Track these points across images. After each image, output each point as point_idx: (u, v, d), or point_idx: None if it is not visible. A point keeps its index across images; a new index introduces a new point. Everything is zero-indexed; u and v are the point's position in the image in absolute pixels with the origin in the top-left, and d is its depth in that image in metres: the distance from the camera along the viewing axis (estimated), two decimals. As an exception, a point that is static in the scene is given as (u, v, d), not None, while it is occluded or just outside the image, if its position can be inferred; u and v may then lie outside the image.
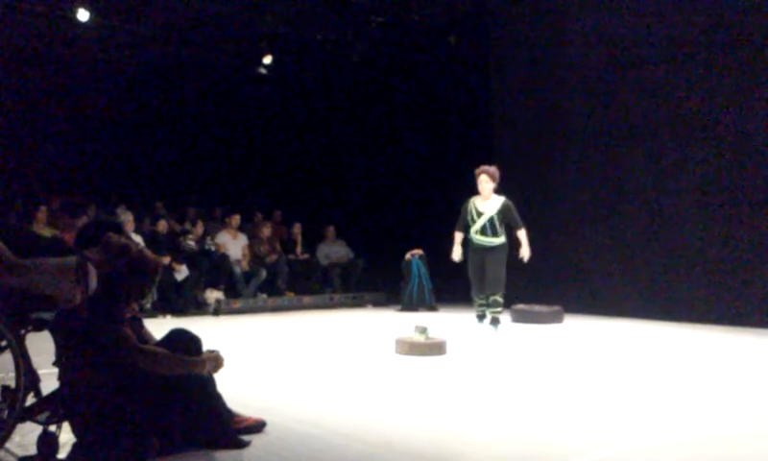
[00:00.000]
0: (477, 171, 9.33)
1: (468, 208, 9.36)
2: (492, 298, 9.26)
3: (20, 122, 15.67)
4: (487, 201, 9.30)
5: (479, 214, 9.25)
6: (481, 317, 9.57)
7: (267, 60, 15.17)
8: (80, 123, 16.50)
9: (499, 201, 9.30)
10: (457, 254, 9.42)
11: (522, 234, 9.29)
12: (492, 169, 9.34)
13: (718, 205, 10.29)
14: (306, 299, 13.24)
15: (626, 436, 4.31)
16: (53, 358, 3.91)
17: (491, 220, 9.20)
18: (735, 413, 4.95)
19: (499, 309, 9.30)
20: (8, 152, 14.95)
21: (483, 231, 9.23)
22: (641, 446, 4.09)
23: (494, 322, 9.32)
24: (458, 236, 9.46)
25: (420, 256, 12.93)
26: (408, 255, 12.94)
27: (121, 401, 3.71)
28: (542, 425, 4.55)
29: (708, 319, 10.07)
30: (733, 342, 8.49)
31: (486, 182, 9.23)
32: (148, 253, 4.06)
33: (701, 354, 7.66)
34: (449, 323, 10.21)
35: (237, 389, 4.84)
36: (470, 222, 9.30)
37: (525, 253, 9.27)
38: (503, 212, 9.24)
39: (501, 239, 9.25)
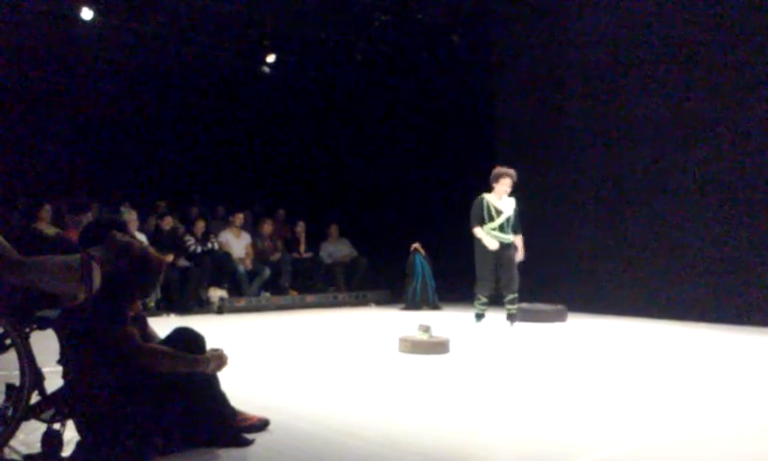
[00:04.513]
0: (502, 172, 9.30)
1: (484, 205, 9.27)
2: (510, 296, 9.33)
3: (22, 121, 15.69)
4: (501, 200, 9.32)
5: (498, 212, 9.23)
6: (480, 316, 9.52)
7: (270, 58, 15.19)
8: (82, 122, 16.51)
9: (512, 201, 9.39)
10: (493, 243, 9.14)
11: (520, 239, 9.41)
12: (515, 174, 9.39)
13: (718, 205, 10.32)
14: (310, 297, 13.26)
15: (628, 435, 4.33)
16: (57, 356, 3.93)
17: (508, 219, 9.27)
18: (736, 412, 4.98)
19: (516, 306, 9.48)
20: (10, 151, 14.97)
21: (501, 229, 9.23)
22: (643, 445, 4.12)
23: (512, 318, 9.44)
24: (481, 230, 9.22)
25: (423, 256, 12.92)
26: (411, 254, 12.94)
27: (123, 401, 3.73)
28: (545, 425, 4.58)
29: (708, 318, 10.10)
30: (734, 341, 8.51)
31: (509, 186, 9.26)
32: (152, 251, 4.08)
33: (702, 353, 7.69)
34: (452, 321, 10.23)
35: (241, 387, 4.87)
36: (487, 219, 9.22)
37: (521, 255, 9.38)
38: (516, 212, 9.36)
39: (514, 236, 9.37)
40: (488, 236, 9.11)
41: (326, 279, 14.10)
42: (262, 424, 4.30)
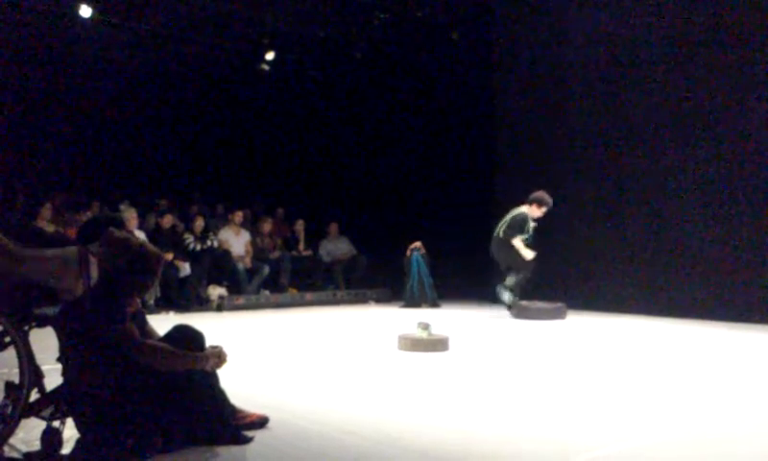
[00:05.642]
0: (549, 203, 10.57)
1: (528, 222, 10.55)
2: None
3: (22, 120, 15.69)
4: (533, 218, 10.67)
5: (529, 228, 10.55)
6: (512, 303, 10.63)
7: (269, 56, 15.19)
8: (82, 120, 16.52)
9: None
10: (530, 254, 10.48)
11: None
12: None
13: (718, 204, 10.33)
14: (309, 295, 13.28)
15: (627, 434, 4.33)
16: (56, 354, 3.93)
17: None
18: (736, 411, 4.97)
19: None
20: (10, 150, 14.97)
21: (527, 239, 10.56)
22: (643, 443, 4.11)
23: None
24: (519, 242, 10.50)
25: (422, 254, 12.90)
26: (408, 252, 12.94)
27: (123, 399, 3.73)
28: (544, 422, 4.58)
29: (708, 316, 10.11)
30: (734, 339, 8.51)
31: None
32: (149, 247, 4.08)
33: (702, 352, 7.69)
34: (452, 319, 10.24)
35: (240, 385, 4.87)
36: (525, 232, 10.51)
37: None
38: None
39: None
40: (524, 248, 10.44)
41: (326, 278, 14.12)
42: (261, 422, 4.30)
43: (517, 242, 10.43)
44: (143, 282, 4.03)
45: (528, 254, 10.40)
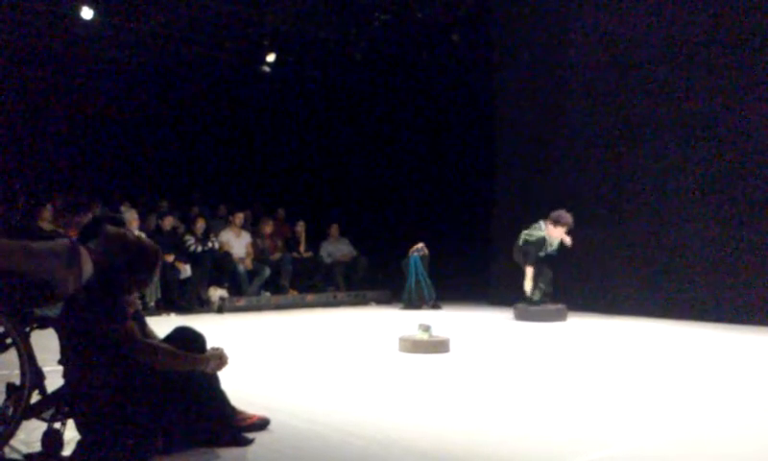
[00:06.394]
0: (570, 223, 10.56)
1: (545, 244, 10.65)
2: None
3: (23, 120, 15.69)
4: (553, 238, 10.68)
5: (547, 248, 10.68)
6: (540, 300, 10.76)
7: (270, 57, 15.19)
8: (83, 121, 16.53)
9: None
10: (528, 287, 10.63)
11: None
12: None
13: (718, 204, 10.32)
14: (309, 297, 13.26)
15: (628, 435, 4.33)
16: (58, 356, 3.93)
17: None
18: (736, 412, 4.97)
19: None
20: (10, 150, 14.97)
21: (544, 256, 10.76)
22: (643, 444, 4.12)
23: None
24: (531, 272, 10.63)
25: (422, 255, 12.87)
26: (410, 254, 12.92)
27: (123, 401, 3.73)
28: (545, 424, 4.58)
29: (708, 317, 10.09)
30: (734, 340, 8.51)
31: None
32: (147, 242, 4.09)
33: (702, 353, 7.69)
34: (453, 321, 10.24)
35: (241, 387, 4.87)
36: (544, 251, 10.68)
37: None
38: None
39: None
40: (530, 279, 10.56)
41: (326, 279, 14.10)
42: (262, 424, 4.30)
43: (529, 271, 10.55)
44: (142, 280, 4.04)
45: (527, 286, 10.55)
